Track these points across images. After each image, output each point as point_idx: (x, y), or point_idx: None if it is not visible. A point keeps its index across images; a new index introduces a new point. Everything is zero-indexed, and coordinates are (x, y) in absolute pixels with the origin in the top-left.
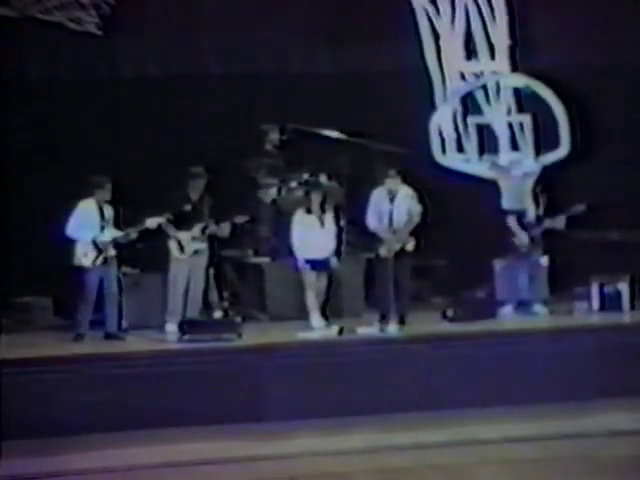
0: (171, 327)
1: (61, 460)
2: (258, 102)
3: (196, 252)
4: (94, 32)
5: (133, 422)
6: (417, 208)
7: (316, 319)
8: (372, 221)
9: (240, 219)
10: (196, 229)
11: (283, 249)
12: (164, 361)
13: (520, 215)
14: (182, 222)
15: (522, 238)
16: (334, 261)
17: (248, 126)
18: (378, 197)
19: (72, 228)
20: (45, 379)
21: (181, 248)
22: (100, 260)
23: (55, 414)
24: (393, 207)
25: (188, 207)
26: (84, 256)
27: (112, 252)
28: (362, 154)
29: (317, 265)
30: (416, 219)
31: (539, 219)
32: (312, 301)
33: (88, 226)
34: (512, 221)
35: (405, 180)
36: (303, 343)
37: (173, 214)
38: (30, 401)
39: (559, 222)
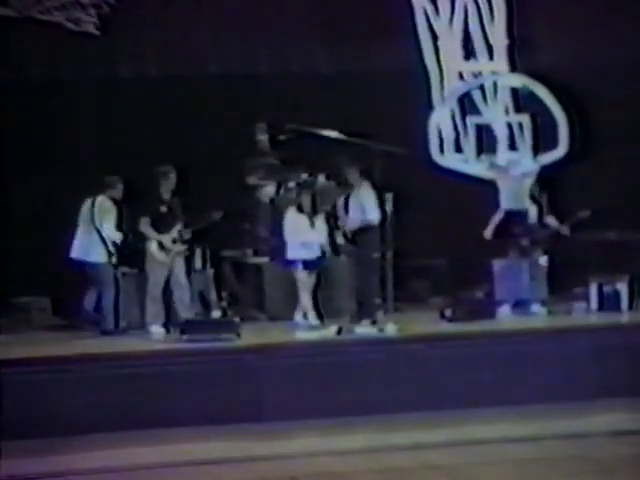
0: (156, 328)
1: (61, 460)
2: (258, 102)
3: (178, 253)
4: (92, 32)
5: (133, 422)
6: (372, 209)
7: (312, 318)
8: None
9: (216, 215)
10: (175, 230)
11: (282, 249)
12: (164, 361)
13: (515, 214)
14: (159, 223)
15: (487, 233)
16: (325, 261)
17: (248, 126)
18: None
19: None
20: (45, 379)
21: (162, 250)
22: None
23: (55, 414)
24: (349, 201)
25: (164, 208)
26: (114, 254)
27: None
28: (361, 154)
29: (308, 264)
30: (369, 218)
31: (541, 220)
32: (307, 300)
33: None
34: (498, 215)
35: (367, 176)
36: (302, 343)
37: (150, 216)
38: (30, 401)
39: (564, 229)
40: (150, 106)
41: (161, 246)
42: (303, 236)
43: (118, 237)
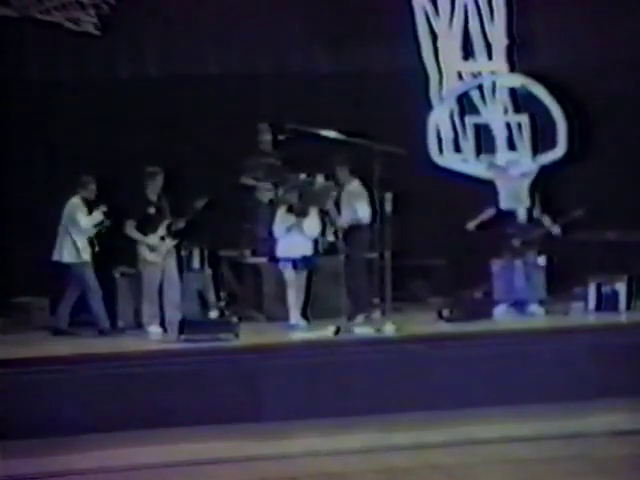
0: (154, 328)
1: (61, 460)
2: (258, 102)
3: (169, 251)
4: (92, 32)
5: (133, 422)
6: (363, 207)
7: (295, 317)
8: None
9: (200, 203)
10: (162, 229)
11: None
12: (163, 361)
13: (508, 214)
14: (147, 225)
15: (470, 225)
16: (314, 260)
17: (248, 126)
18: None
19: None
20: (45, 379)
21: (152, 251)
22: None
23: (55, 414)
24: (340, 199)
25: (152, 210)
26: (85, 251)
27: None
28: (353, 153)
29: (295, 263)
30: (359, 217)
31: (531, 219)
32: (292, 299)
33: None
34: (488, 212)
35: (357, 175)
36: (300, 343)
37: (136, 219)
38: (30, 401)
39: (555, 229)
40: (150, 106)
41: (150, 247)
42: (291, 235)
43: (97, 218)
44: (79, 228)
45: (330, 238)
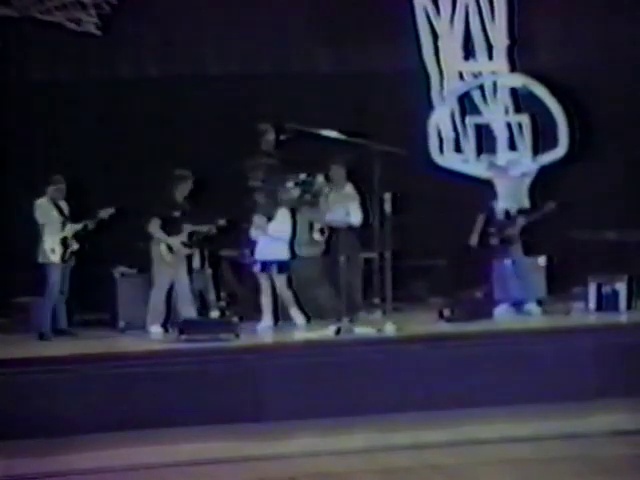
0: (156, 328)
1: (61, 460)
2: (258, 102)
3: (187, 257)
4: (93, 32)
5: (133, 422)
6: (355, 211)
7: (266, 320)
8: None
9: (221, 222)
10: (184, 234)
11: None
12: (163, 361)
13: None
14: (169, 226)
15: (473, 239)
16: (284, 264)
17: (248, 126)
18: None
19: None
20: (45, 379)
21: (171, 252)
22: (67, 256)
23: (55, 414)
24: (328, 201)
25: (177, 213)
26: (52, 253)
27: (75, 246)
28: (361, 154)
29: (266, 267)
30: (351, 221)
31: (509, 217)
32: (264, 301)
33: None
34: (480, 220)
35: (349, 178)
36: (300, 343)
37: (162, 218)
38: (30, 401)
39: (519, 224)
40: (150, 106)
41: (169, 248)
42: (261, 238)
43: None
44: (44, 226)
45: (316, 236)
